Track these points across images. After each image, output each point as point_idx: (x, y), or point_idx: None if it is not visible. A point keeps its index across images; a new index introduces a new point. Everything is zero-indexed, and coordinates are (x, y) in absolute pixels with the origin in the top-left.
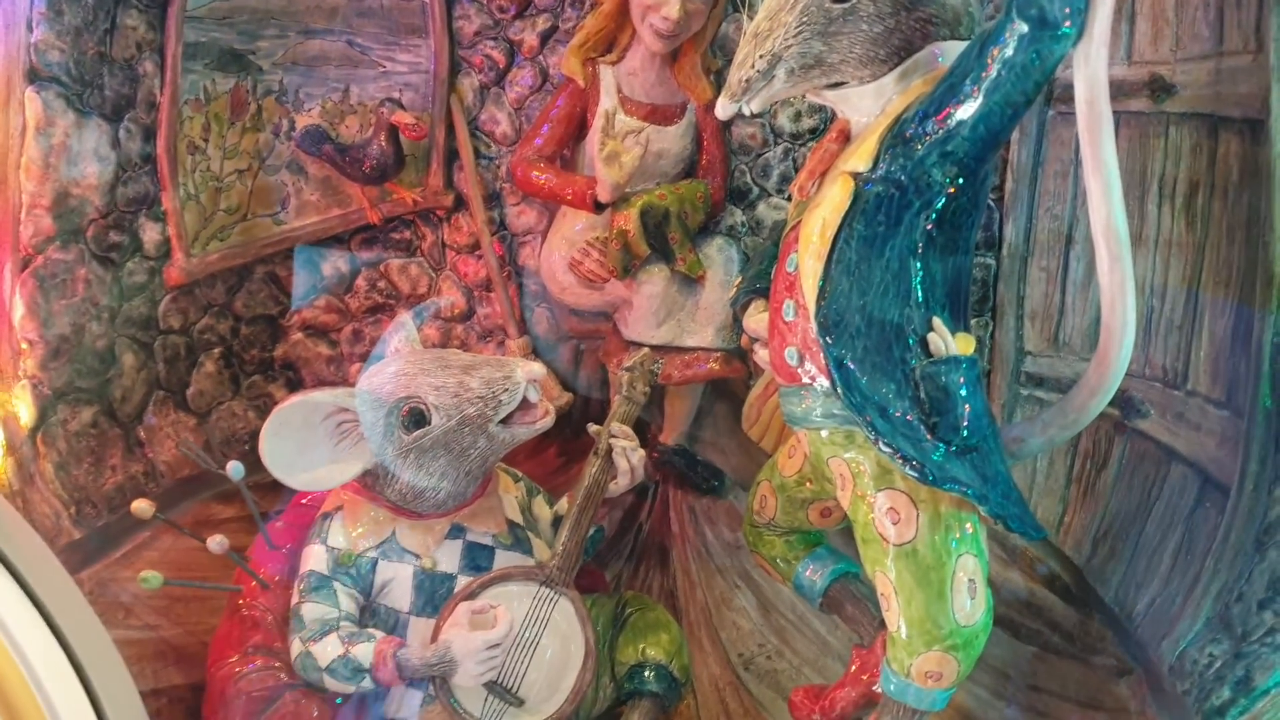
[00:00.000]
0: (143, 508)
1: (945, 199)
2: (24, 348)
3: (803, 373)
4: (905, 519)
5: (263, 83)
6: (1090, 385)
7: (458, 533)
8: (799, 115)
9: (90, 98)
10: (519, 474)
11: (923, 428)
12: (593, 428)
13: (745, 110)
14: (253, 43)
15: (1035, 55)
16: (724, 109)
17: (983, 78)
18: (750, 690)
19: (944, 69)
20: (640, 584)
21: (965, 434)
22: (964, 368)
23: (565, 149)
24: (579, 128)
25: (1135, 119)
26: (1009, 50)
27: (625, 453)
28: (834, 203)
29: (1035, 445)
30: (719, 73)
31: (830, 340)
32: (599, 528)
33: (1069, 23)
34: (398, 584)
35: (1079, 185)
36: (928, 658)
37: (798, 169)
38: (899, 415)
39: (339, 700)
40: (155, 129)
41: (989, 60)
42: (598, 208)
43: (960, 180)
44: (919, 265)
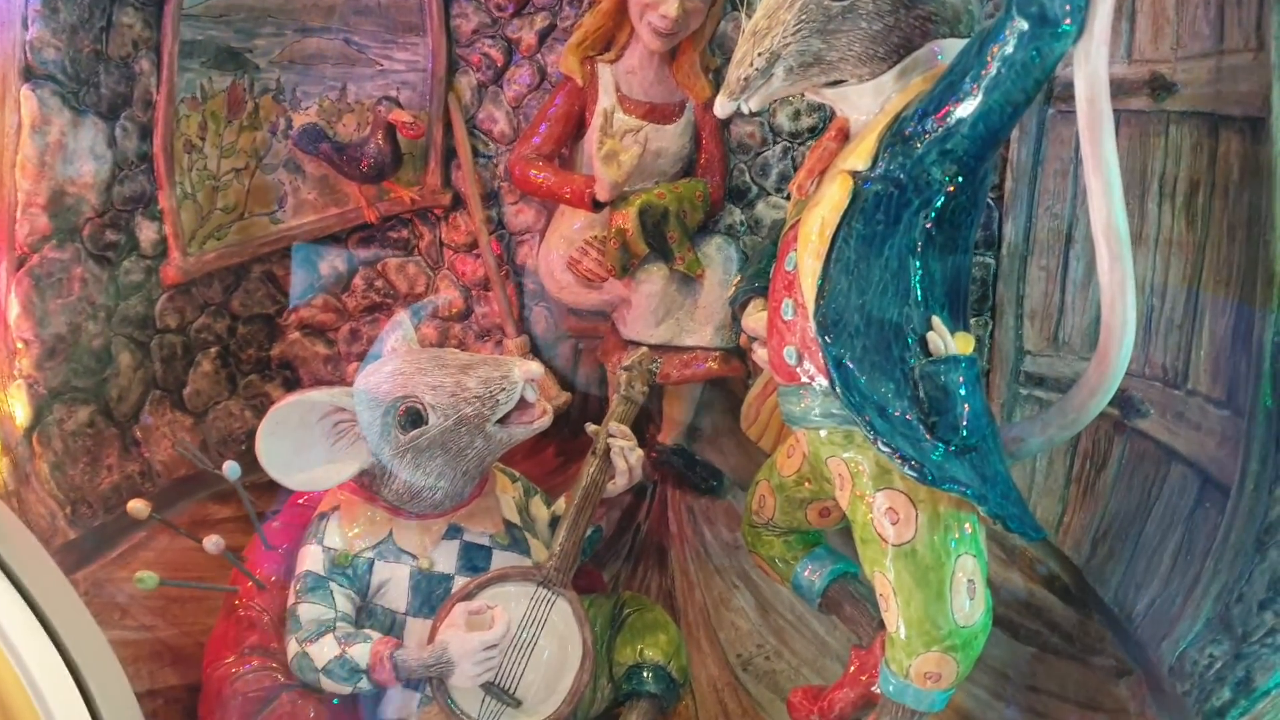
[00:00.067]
0: (138, 508)
1: (944, 197)
2: (20, 347)
3: (801, 372)
4: (904, 519)
5: (260, 81)
6: (1090, 385)
7: (455, 533)
8: (798, 114)
9: (86, 96)
10: (516, 474)
11: (922, 427)
12: (590, 427)
13: (744, 108)
14: (250, 41)
15: (1035, 53)
16: (722, 107)
17: (982, 75)
18: (749, 691)
19: (943, 67)
20: (638, 584)
21: (964, 434)
22: (963, 367)
23: (563, 147)
24: (577, 126)
25: (1135, 117)
26: (1009, 48)
27: (623, 452)
28: (833, 201)
29: (1035, 445)
30: (718, 71)
31: (829, 339)
32: (597, 528)
33: (1069, 20)
34: (394, 584)
35: (1079, 184)
36: (926, 658)
37: (796, 167)
38: (898, 415)
39: (335, 701)
40: (152, 127)
41: (989, 58)
42: (596, 206)
43: (960, 179)
44: (918, 264)
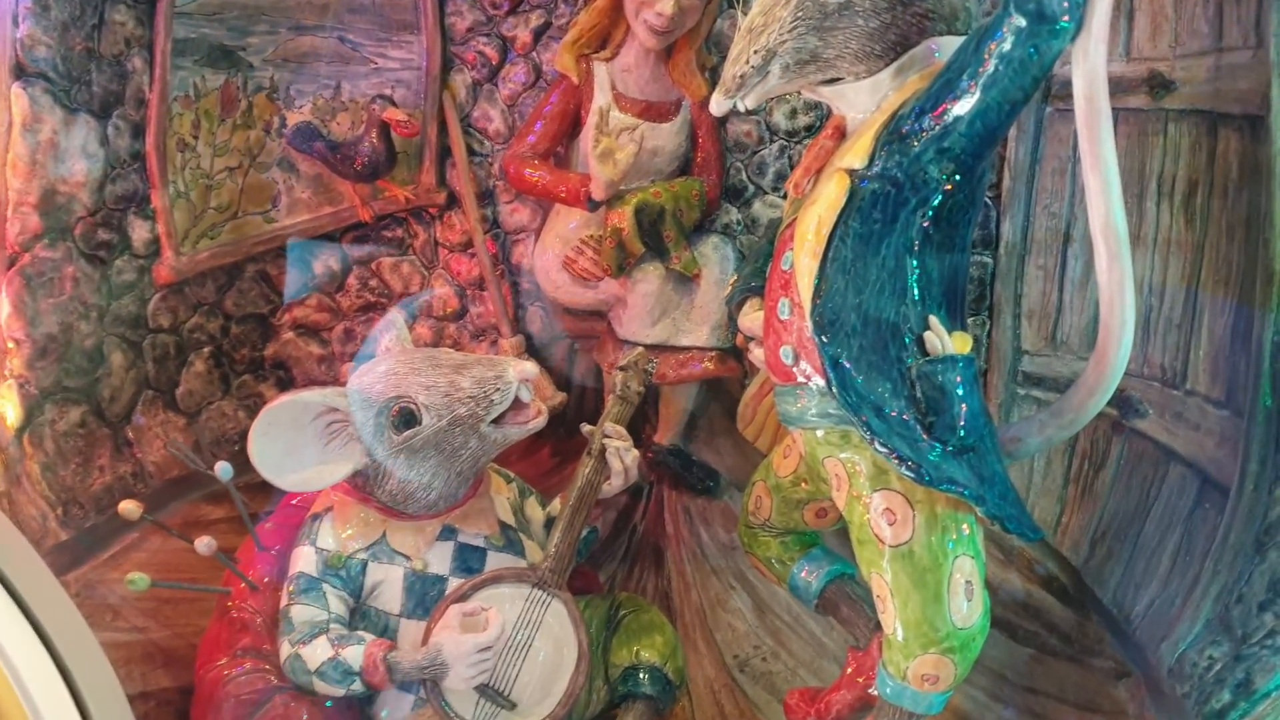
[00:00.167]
0: (130, 509)
1: (942, 196)
2: (11, 347)
3: (798, 372)
4: (901, 520)
5: (253, 79)
6: (1088, 385)
7: (449, 534)
8: (794, 112)
9: (78, 94)
10: (511, 475)
11: (919, 427)
12: (586, 428)
13: (740, 106)
14: (243, 39)
15: (1033, 50)
16: (718, 105)
17: (980, 73)
18: (745, 692)
19: (941, 64)
20: (634, 585)
21: (962, 434)
22: (961, 367)
23: (559, 146)
24: (573, 125)
25: (1134, 116)
26: (1006, 45)
27: (619, 453)
28: (830, 200)
29: (1033, 445)
30: (714, 69)
31: (826, 339)
32: (592, 529)
33: (1067, 17)
34: (388, 586)
35: (1077, 183)
36: (924, 660)
37: (793, 166)
38: (895, 415)
39: (329, 704)
40: (144, 126)
41: (986, 55)
42: (592, 205)
43: (957, 177)
44: (915, 263)
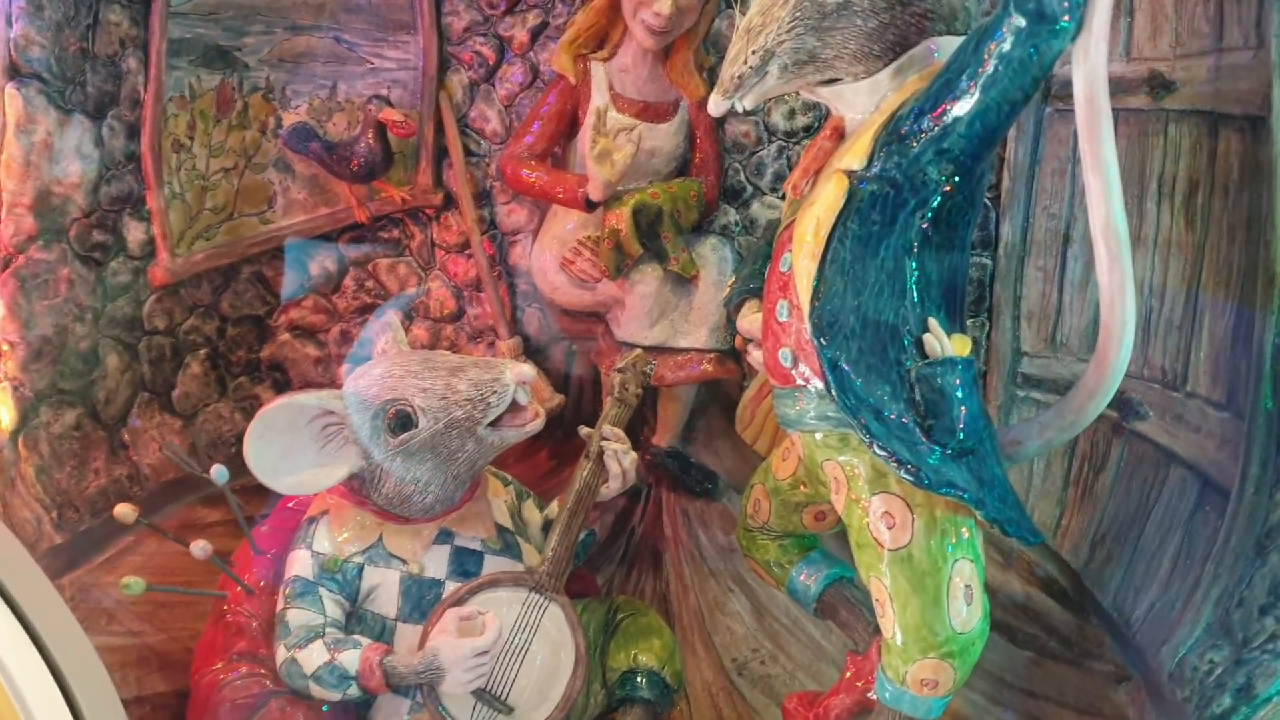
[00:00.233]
0: (125, 512)
1: (941, 197)
2: (5, 349)
3: (797, 374)
4: (900, 523)
5: (249, 80)
6: (1089, 387)
7: (446, 538)
8: (793, 112)
9: (73, 95)
10: (508, 477)
11: (918, 430)
12: (584, 430)
13: (738, 107)
14: (239, 39)
15: (1033, 50)
16: (716, 106)
17: (979, 73)
18: (744, 695)
19: (940, 65)
20: (632, 588)
21: (961, 437)
22: (960, 369)
23: (556, 147)
24: (570, 125)
25: (1134, 116)
26: (1006, 45)
27: (617, 456)
28: (828, 201)
29: (1033, 448)
30: (712, 69)
31: (824, 341)
32: (590, 532)
33: (1067, 17)
34: (384, 590)
35: (1077, 183)
36: (923, 665)
37: (791, 167)
38: (894, 418)
39: (325, 708)
40: (139, 127)
41: (986, 55)
42: (589, 206)
43: (956, 178)
44: (914, 265)
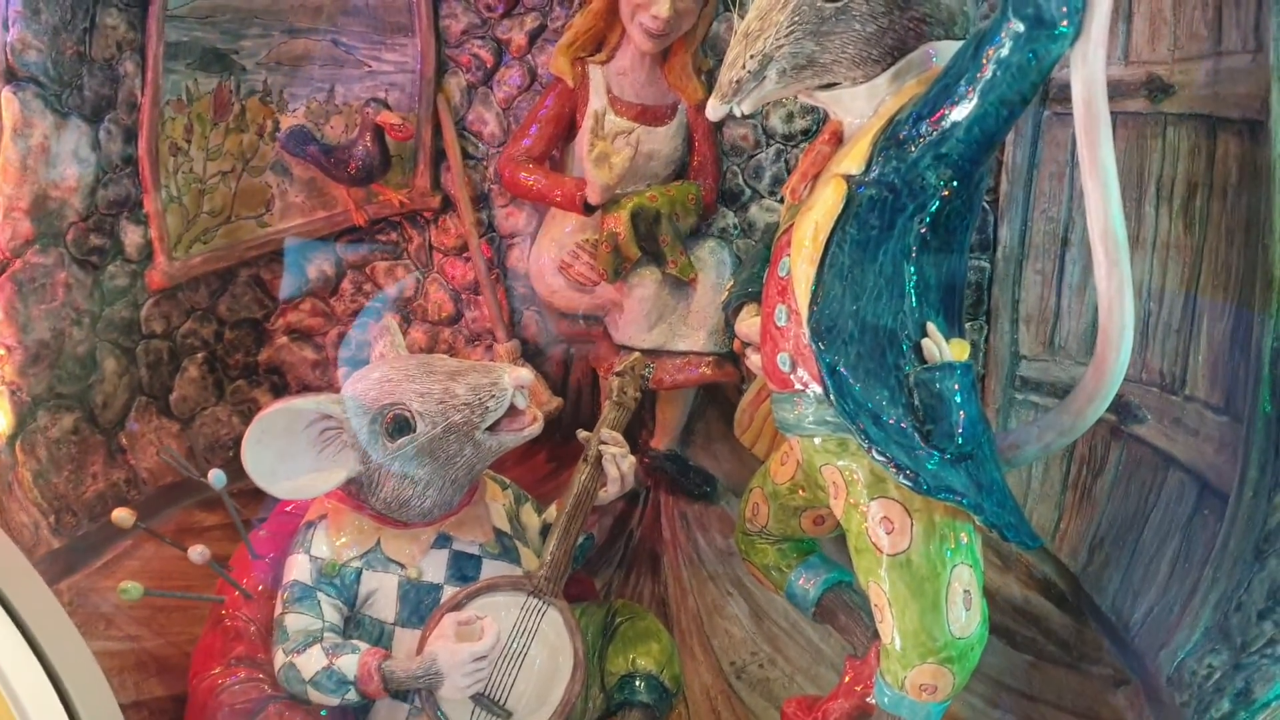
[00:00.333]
0: (123, 517)
1: (939, 202)
2: (2, 353)
3: (795, 379)
4: (899, 528)
5: (246, 83)
6: (1088, 391)
7: (444, 542)
8: (791, 116)
9: (69, 98)
10: (507, 481)
11: (917, 435)
12: (582, 434)
13: (736, 111)
14: (236, 42)
15: (1031, 55)
16: (715, 110)
17: (978, 78)
18: (742, 699)
19: (938, 69)
20: (631, 591)
21: (960, 441)
22: (958, 374)
23: (554, 149)
24: (568, 128)
25: (1132, 120)
26: (1005, 50)
27: (615, 459)
28: (826, 206)
29: (1031, 452)
30: (710, 73)
31: (823, 346)
32: (589, 535)
33: (1066, 22)
34: (382, 594)
35: (1075, 187)
36: (922, 670)
37: (790, 170)
38: (892, 423)
39: (323, 713)
40: (136, 130)
41: (984, 60)
42: (587, 209)
43: (954, 183)
44: (912, 269)
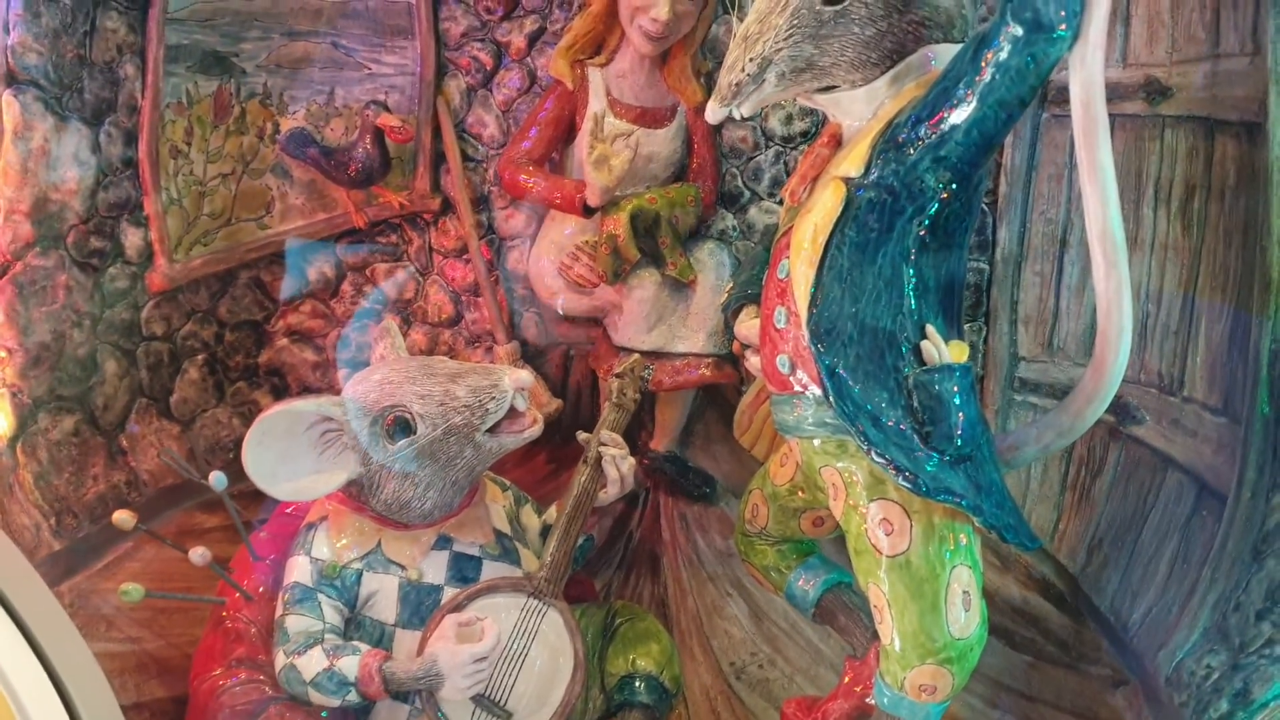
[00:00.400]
0: (124, 518)
1: (938, 204)
2: (3, 356)
3: (794, 381)
4: (898, 530)
5: (246, 85)
6: (1086, 392)
7: (444, 543)
8: (790, 118)
9: (70, 101)
10: (507, 482)
11: (916, 437)
12: (582, 435)
13: (736, 114)
14: (236, 45)
15: (1030, 58)
16: (714, 113)
17: (977, 81)
18: (742, 699)
19: (937, 72)
20: (631, 592)
21: (959, 443)
22: (957, 376)
23: (554, 152)
24: (567, 130)
25: (1130, 122)
26: (1003, 53)
27: (615, 461)
28: (826, 208)
29: (1030, 453)
30: (709, 75)
31: (822, 348)
32: (588, 537)
33: (1064, 25)
34: (383, 596)
35: (1073, 189)
36: (921, 671)
37: (789, 173)
38: (892, 424)
39: (324, 714)
40: (137, 133)
41: (983, 63)
42: (587, 211)
43: (954, 185)
44: (911, 271)
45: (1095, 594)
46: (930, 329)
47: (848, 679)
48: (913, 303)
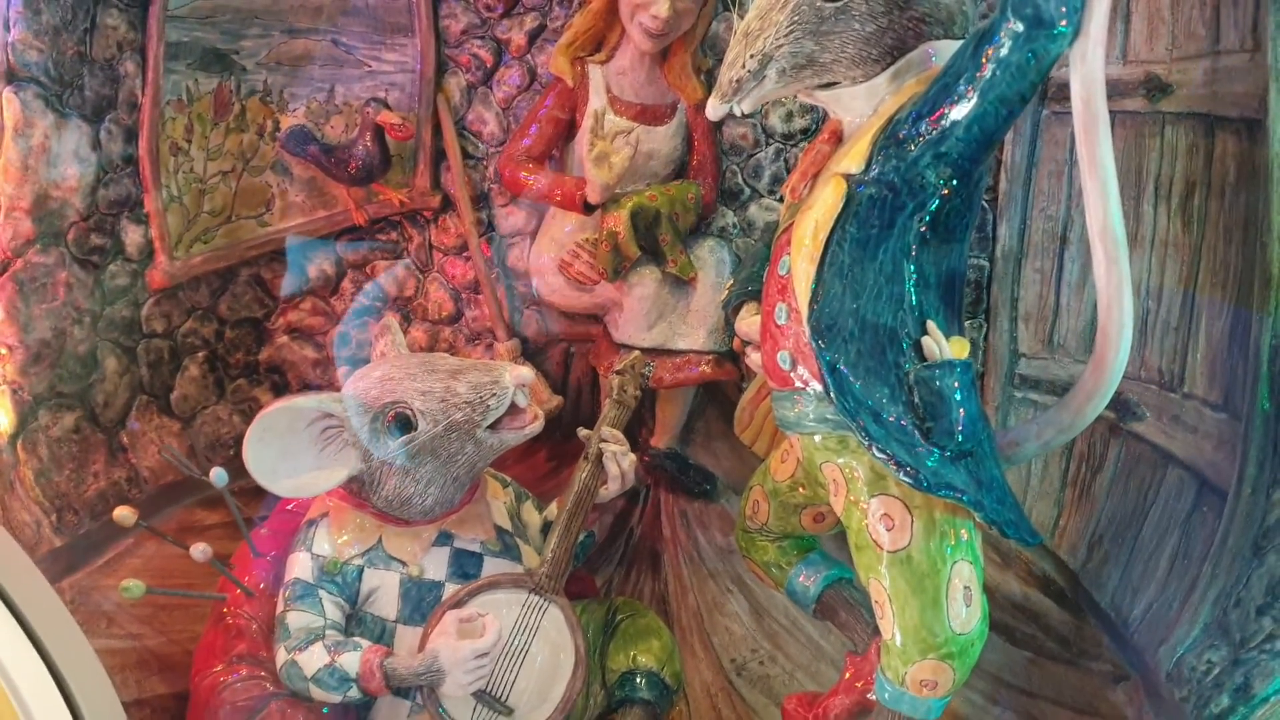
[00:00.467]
0: (125, 515)
1: (939, 200)
2: (3, 353)
3: (795, 377)
4: (899, 525)
5: (246, 83)
6: (1087, 389)
7: (445, 540)
8: (791, 115)
9: (70, 98)
10: (507, 479)
11: (917, 433)
12: (583, 432)
13: (736, 111)
14: (236, 42)
15: (1031, 55)
16: (715, 109)
17: (977, 78)
18: (743, 696)
19: (937, 69)
20: (631, 589)
21: (960, 439)
22: (958, 372)
23: (554, 149)
24: (568, 128)
25: (1130, 119)
26: (1004, 50)
27: (615, 457)
28: (826, 205)
29: (1031, 449)
30: (709, 72)
31: (823, 344)
32: (589, 533)
33: (1065, 21)
34: (384, 592)
35: (1074, 186)
36: (923, 666)
37: (789, 169)
38: (893, 420)
39: (325, 710)
40: (137, 130)
41: (984, 60)
42: (587, 209)
43: (954, 181)
44: (912, 267)
45: (1096, 590)
46: (931, 325)
47: (849, 674)
48: (913, 298)
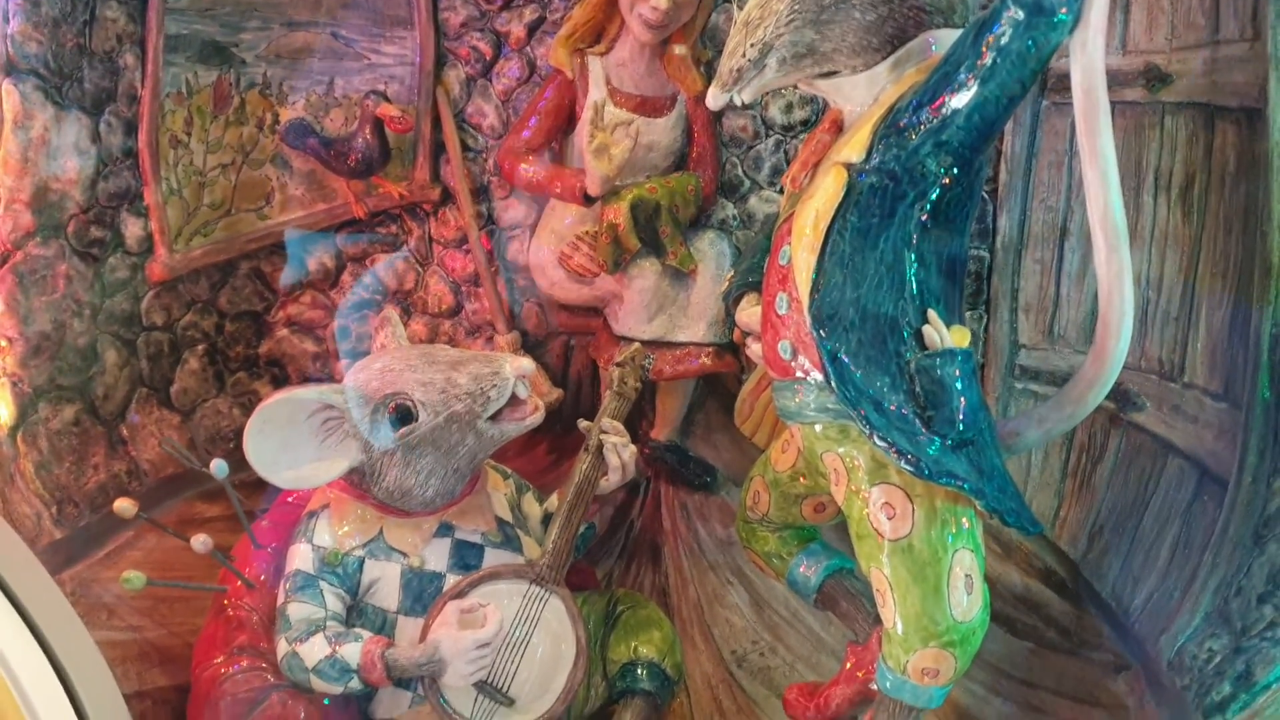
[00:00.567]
0: (125, 507)
1: (940, 189)
2: (3, 345)
3: (796, 366)
4: (900, 514)
5: (246, 76)
6: (1087, 378)
7: (446, 531)
8: (791, 106)
9: (70, 91)
10: (508, 471)
11: (918, 421)
12: (583, 424)
13: (736, 100)
14: (235, 35)
15: (1031, 43)
16: (715, 99)
17: (978, 66)
18: (743, 687)
19: (938, 58)
20: (632, 581)
21: (961, 427)
22: (959, 360)
23: (554, 141)
24: (567, 120)
25: (1130, 109)
26: (1004, 38)
27: (616, 449)
28: (827, 194)
29: (1032, 439)
30: (709, 64)
31: (824, 333)
32: (590, 525)
33: (1065, 10)
34: (385, 583)
35: (1074, 176)
36: (924, 654)
37: (790, 161)
38: (894, 409)
39: (326, 701)
40: (136, 123)
41: (984, 48)
42: (587, 201)
43: (955, 170)
44: (913, 257)
45: (1096, 580)
46: (932, 314)
47: (850, 664)
48: (914, 288)
